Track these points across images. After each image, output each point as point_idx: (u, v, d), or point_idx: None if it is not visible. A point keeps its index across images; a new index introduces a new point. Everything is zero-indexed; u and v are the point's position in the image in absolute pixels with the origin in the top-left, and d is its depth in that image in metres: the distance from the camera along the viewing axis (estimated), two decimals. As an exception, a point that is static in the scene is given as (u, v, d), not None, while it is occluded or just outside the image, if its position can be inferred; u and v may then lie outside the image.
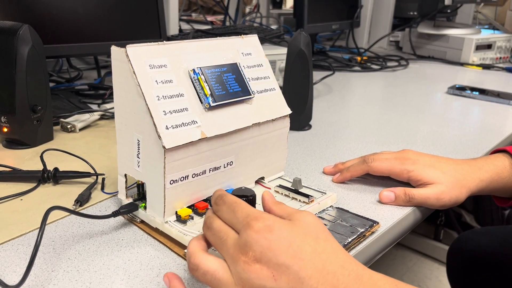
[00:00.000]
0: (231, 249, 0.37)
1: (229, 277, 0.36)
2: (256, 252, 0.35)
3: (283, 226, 0.37)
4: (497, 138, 0.87)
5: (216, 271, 0.37)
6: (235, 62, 0.53)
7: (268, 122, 0.55)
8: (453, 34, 1.69)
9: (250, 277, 0.35)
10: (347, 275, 0.36)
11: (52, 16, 0.87)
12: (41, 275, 0.42)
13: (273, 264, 0.35)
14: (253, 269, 0.35)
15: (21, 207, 0.54)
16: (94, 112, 0.85)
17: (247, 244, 0.36)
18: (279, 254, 0.35)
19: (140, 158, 0.48)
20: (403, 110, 1.04)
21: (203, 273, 0.37)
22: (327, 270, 0.35)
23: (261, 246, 0.35)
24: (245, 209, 0.39)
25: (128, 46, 0.45)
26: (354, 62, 1.55)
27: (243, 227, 0.37)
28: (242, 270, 0.35)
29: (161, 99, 0.45)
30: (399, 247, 1.80)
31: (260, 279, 0.35)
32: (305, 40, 0.81)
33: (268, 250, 0.35)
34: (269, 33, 1.32)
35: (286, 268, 0.35)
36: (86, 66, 1.30)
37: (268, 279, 0.34)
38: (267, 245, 0.35)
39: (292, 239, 0.36)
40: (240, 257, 0.36)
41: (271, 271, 0.35)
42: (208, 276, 0.37)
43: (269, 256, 0.35)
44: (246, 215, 0.38)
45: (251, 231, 0.36)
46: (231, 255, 0.36)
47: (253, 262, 0.35)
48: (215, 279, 0.37)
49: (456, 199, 0.58)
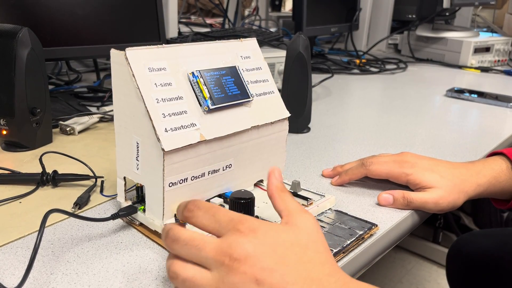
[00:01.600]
0: (211, 253, 0.36)
1: (209, 282, 0.35)
2: (241, 256, 0.35)
3: (269, 231, 0.36)
4: (496, 140, 0.87)
5: (194, 277, 0.36)
6: (234, 65, 0.53)
7: (267, 125, 0.55)
8: (451, 37, 1.69)
9: (234, 281, 0.34)
10: (333, 282, 0.35)
11: (52, 19, 0.87)
12: (40, 278, 0.42)
13: (258, 268, 0.34)
14: (237, 272, 0.34)
15: (20, 210, 0.54)
16: (93, 115, 0.85)
17: (231, 247, 0.35)
18: (264, 259, 0.35)
19: (139, 160, 0.48)
20: (402, 113, 1.05)
21: (182, 280, 0.36)
22: (312, 277, 0.35)
23: (245, 250, 0.35)
24: (227, 213, 0.38)
25: (128, 49, 0.45)
26: (353, 65, 1.55)
27: (229, 231, 0.36)
28: (225, 273, 0.35)
29: (160, 102, 0.45)
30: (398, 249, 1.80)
31: (244, 282, 0.34)
32: (304, 43, 0.81)
33: (253, 254, 0.35)
34: (268, 35, 1.33)
35: (270, 272, 0.34)
36: (85, 68, 1.30)
37: (251, 283, 0.34)
38: (252, 249, 0.35)
39: (277, 245, 0.36)
40: (224, 260, 0.35)
41: (255, 275, 0.34)
42: (187, 283, 0.36)
43: (253, 260, 0.34)
44: (229, 219, 0.37)
45: (238, 234, 0.36)
46: (213, 259, 0.36)
47: (237, 265, 0.34)
48: (195, 285, 0.36)
49: (454, 204, 0.58)
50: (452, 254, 0.94)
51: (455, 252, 0.94)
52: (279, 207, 0.41)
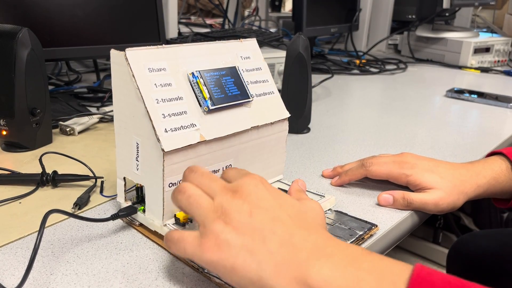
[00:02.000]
0: (220, 186, 0.40)
1: (210, 204, 0.39)
2: (244, 194, 0.39)
3: (280, 191, 0.42)
4: (496, 141, 0.87)
5: (199, 196, 0.40)
6: (234, 65, 0.53)
7: (266, 125, 0.55)
8: (451, 37, 1.70)
9: (230, 207, 0.38)
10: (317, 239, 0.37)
11: (51, 19, 0.87)
12: (39, 278, 0.42)
13: (255, 204, 0.38)
14: (236, 202, 0.38)
15: (19, 210, 0.54)
16: (93, 115, 0.85)
17: (238, 187, 0.40)
18: (264, 201, 0.39)
19: (139, 161, 0.48)
20: (402, 113, 1.05)
21: (188, 196, 0.40)
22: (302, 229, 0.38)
23: (250, 191, 0.39)
24: (241, 170, 0.45)
25: (128, 49, 0.45)
26: (353, 65, 1.55)
27: (240, 178, 0.41)
28: (226, 200, 0.39)
29: (160, 102, 0.45)
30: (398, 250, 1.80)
31: (238, 211, 0.38)
32: (304, 44, 0.81)
33: (255, 195, 0.39)
34: (268, 36, 1.33)
35: (265, 211, 0.38)
36: (85, 69, 1.30)
37: (245, 213, 0.38)
38: (254, 192, 0.39)
39: (281, 199, 0.40)
40: (228, 193, 0.39)
41: (251, 208, 0.38)
42: (191, 199, 0.40)
43: (255, 199, 0.39)
44: (245, 173, 0.43)
45: (248, 179, 0.40)
46: (220, 191, 0.40)
47: (239, 196, 0.39)
48: (197, 203, 0.39)
49: (454, 205, 0.58)
50: (452, 254, 0.94)
51: (455, 253, 0.94)
52: (292, 194, 0.46)
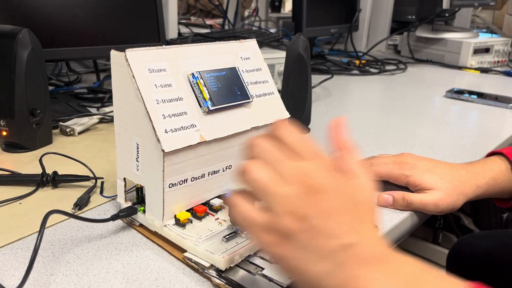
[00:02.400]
0: (286, 168, 0.36)
1: (283, 195, 0.35)
2: (318, 186, 0.35)
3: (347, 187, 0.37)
4: (495, 141, 0.87)
5: (267, 181, 0.36)
6: (234, 66, 0.53)
7: (267, 126, 0.55)
8: (451, 38, 1.70)
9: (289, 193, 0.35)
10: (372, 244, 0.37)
11: (51, 20, 0.87)
12: (40, 279, 0.42)
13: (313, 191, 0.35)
14: (295, 188, 0.35)
15: (20, 210, 0.54)
16: (93, 116, 0.85)
17: (308, 171, 0.36)
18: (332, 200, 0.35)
19: (139, 161, 0.48)
20: (402, 114, 1.05)
21: (253, 179, 0.36)
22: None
23: (317, 178, 0.35)
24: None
25: (128, 50, 0.45)
26: (353, 65, 1.55)
27: (312, 158, 0.37)
28: (296, 193, 0.35)
29: (160, 103, 0.45)
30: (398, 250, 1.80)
31: (290, 197, 0.34)
32: (303, 44, 0.81)
33: (319, 185, 0.35)
34: (268, 36, 1.33)
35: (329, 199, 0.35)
36: (85, 69, 1.29)
37: (298, 200, 0.34)
38: (328, 183, 0.35)
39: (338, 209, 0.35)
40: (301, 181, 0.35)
41: (304, 201, 0.34)
42: (255, 183, 0.36)
43: (324, 196, 0.35)
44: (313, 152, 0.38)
45: (320, 161, 0.37)
46: (293, 176, 0.36)
47: (300, 187, 0.35)
48: (264, 187, 0.36)
49: (453, 206, 0.59)
50: (452, 255, 0.94)
51: (455, 254, 0.94)
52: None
